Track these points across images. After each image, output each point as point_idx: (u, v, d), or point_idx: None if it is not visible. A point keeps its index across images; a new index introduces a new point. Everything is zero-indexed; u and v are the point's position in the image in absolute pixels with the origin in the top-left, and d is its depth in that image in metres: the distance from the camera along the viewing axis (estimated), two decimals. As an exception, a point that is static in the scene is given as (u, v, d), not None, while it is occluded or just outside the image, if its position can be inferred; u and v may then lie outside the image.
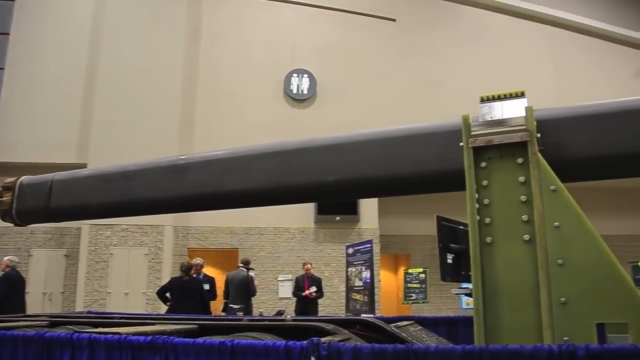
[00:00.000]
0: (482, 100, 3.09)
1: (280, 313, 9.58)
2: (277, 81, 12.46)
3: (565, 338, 2.49)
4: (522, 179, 2.78)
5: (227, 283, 9.68)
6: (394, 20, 12.12)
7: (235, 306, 9.12)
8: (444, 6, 12.99)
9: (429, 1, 13.09)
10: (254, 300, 10.09)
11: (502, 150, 2.85)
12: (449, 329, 5.90)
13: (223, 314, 9.38)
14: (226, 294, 9.64)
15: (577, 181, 3.28)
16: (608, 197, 12.88)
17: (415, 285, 10.76)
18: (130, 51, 11.93)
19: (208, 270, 10.27)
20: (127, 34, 12.06)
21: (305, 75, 12.45)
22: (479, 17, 12.84)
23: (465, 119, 2.96)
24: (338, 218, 11.84)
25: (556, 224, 2.66)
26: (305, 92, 12.42)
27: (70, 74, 12.11)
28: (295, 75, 12.48)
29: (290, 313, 9.90)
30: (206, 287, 9.09)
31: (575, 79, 12.65)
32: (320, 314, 9.99)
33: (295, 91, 12.40)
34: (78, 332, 3.24)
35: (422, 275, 10.73)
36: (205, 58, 12.38)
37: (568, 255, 2.63)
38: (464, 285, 4.60)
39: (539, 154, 2.76)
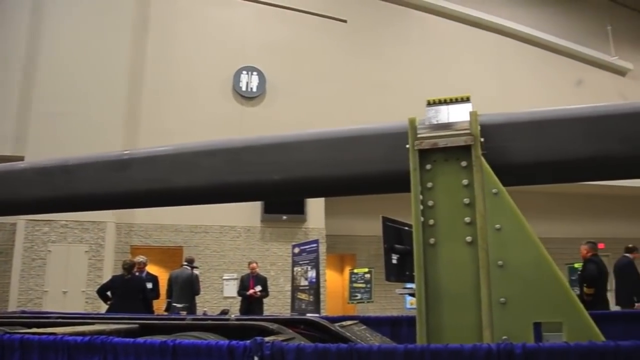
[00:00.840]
0: (429, 104, 3.15)
1: (224, 312, 9.49)
2: (226, 78, 12.31)
3: (504, 337, 2.56)
4: (465, 181, 2.84)
5: (171, 282, 9.51)
6: (344, 21, 12.22)
7: (178, 305, 8.97)
8: (395, 9, 13.23)
9: (380, 4, 13.23)
10: (198, 299, 9.95)
11: (447, 153, 2.90)
12: (392, 329, 5.97)
13: (166, 313, 9.22)
14: (169, 293, 9.47)
15: (518, 185, 3.38)
16: (548, 201, 13.40)
17: (360, 285, 10.86)
18: (73, 40, 11.46)
19: (151, 269, 10.05)
20: (69, 22, 11.57)
21: (255, 73, 12.35)
22: (428, 22, 13.14)
23: (412, 122, 3.00)
24: (285, 217, 11.81)
25: (497, 226, 2.73)
26: (254, 89, 12.32)
27: (7, 63, 11.57)
28: (244, 72, 12.37)
29: (235, 312, 9.81)
30: (149, 285, 8.91)
31: (519, 86, 13.07)
32: (265, 313, 9.95)
33: (244, 88, 12.29)
34: (9, 333, 3.09)
35: (368, 275, 10.84)
36: (153, 50, 12.07)
37: (508, 256, 2.70)
38: (409, 285, 4.67)
39: (482, 158, 2.82)
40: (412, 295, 3.83)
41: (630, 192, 13.95)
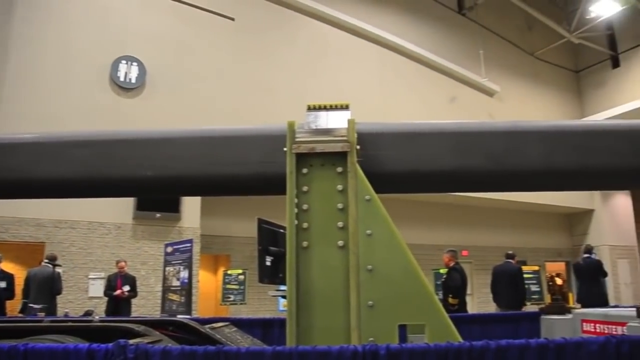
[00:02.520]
0: (309, 109, 3.18)
1: (88, 313, 8.93)
2: (103, 66, 11.60)
3: (371, 339, 2.65)
4: (340, 187, 2.90)
5: (28, 280, 8.80)
6: (232, 19, 12.06)
7: (36, 306, 8.31)
8: (285, 13, 13.29)
9: (270, 6, 13.22)
10: (59, 299, 9.30)
11: (323, 158, 2.95)
12: (264, 331, 6.00)
13: (21, 315, 8.52)
14: (26, 293, 8.76)
15: (390, 192, 3.53)
16: (418, 210, 14.14)
17: (233, 287, 10.76)
18: None
19: (6, 266, 9.25)
20: None
21: (135, 64, 11.78)
22: (317, 29, 13.34)
23: (291, 125, 3.01)
24: (158, 215, 11.37)
25: (368, 231, 2.82)
26: (133, 81, 11.73)
27: None
28: (124, 61, 11.74)
29: (100, 313, 9.29)
30: (2, 284, 8.22)
31: (398, 98, 13.66)
32: (133, 314, 9.53)
33: (122, 79, 11.66)
34: None
35: (242, 277, 10.77)
36: (19, 28, 11.03)
37: (377, 261, 2.80)
38: (282, 287, 4.69)
39: (357, 165, 2.90)
40: (285, 297, 3.86)
41: (489, 204, 15.13)
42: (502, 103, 15.80)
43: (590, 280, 9.67)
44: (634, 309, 3.00)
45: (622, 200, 18.40)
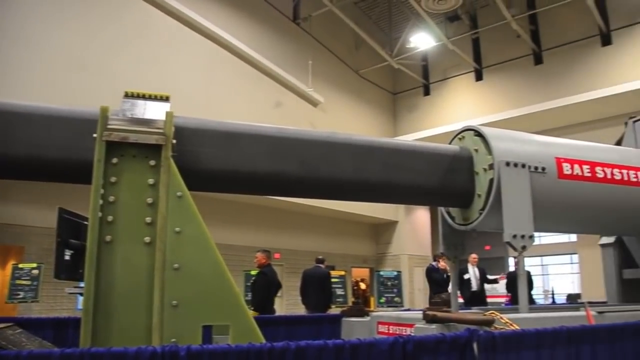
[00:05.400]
0: (126, 96, 3.01)
1: None
2: None
3: (173, 340, 2.57)
4: (151, 181, 2.78)
5: None
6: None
7: None
8: (116, -7, 12.40)
9: (95, -21, 12.22)
10: None
11: (137, 149, 2.80)
12: (57, 332, 5.51)
13: None
14: None
15: (204, 191, 3.46)
16: (232, 210, 14.11)
17: (25, 282, 9.69)
18: None
19: None
20: None
21: None
22: (150, 14, 12.57)
23: (104, 111, 2.81)
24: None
25: (177, 229, 2.73)
26: None
27: None
28: None
29: None
30: None
31: (225, 97, 13.45)
32: None
33: None
34: None
35: (36, 272, 9.74)
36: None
37: (184, 260, 2.73)
38: (82, 284, 4.36)
39: (172, 160, 2.80)
40: (83, 294, 3.60)
41: (302, 209, 15.64)
42: (325, 114, 16.50)
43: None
44: (420, 312, 3.29)
45: (422, 214, 20.29)
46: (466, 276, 10.46)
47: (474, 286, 10.39)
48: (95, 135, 2.75)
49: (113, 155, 2.76)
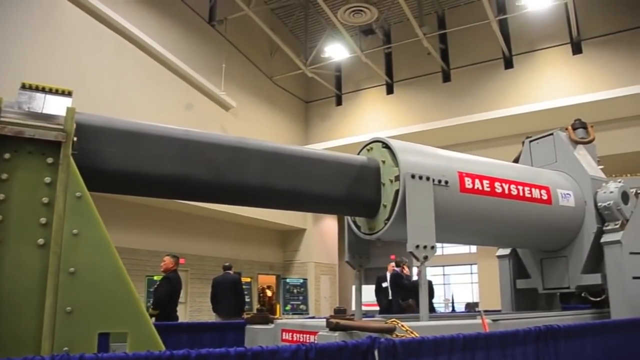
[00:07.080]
0: (24, 87, 2.83)
1: None
2: None
3: (65, 348, 2.43)
4: (48, 179, 2.62)
5: None
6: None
7: None
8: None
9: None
10: None
11: (33, 145, 2.62)
12: None
13: None
14: None
15: (106, 192, 3.32)
16: (135, 212, 13.62)
17: None
18: None
19: None
20: None
21: None
22: (56, 3, 11.89)
23: (-3, 102, 2.63)
24: None
25: (75, 231, 2.60)
26: None
27: None
28: None
29: None
30: None
31: (132, 95, 12.90)
32: None
33: None
34: None
35: None
36: None
37: (81, 264, 2.59)
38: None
39: (72, 158, 2.66)
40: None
41: (209, 214, 15.41)
42: (237, 119, 16.36)
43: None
44: (324, 319, 3.33)
45: (330, 223, 20.60)
46: (384, 284, 10.72)
47: (391, 294, 10.67)
48: (-14, 128, 2.56)
49: (6, 150, 2.57)
